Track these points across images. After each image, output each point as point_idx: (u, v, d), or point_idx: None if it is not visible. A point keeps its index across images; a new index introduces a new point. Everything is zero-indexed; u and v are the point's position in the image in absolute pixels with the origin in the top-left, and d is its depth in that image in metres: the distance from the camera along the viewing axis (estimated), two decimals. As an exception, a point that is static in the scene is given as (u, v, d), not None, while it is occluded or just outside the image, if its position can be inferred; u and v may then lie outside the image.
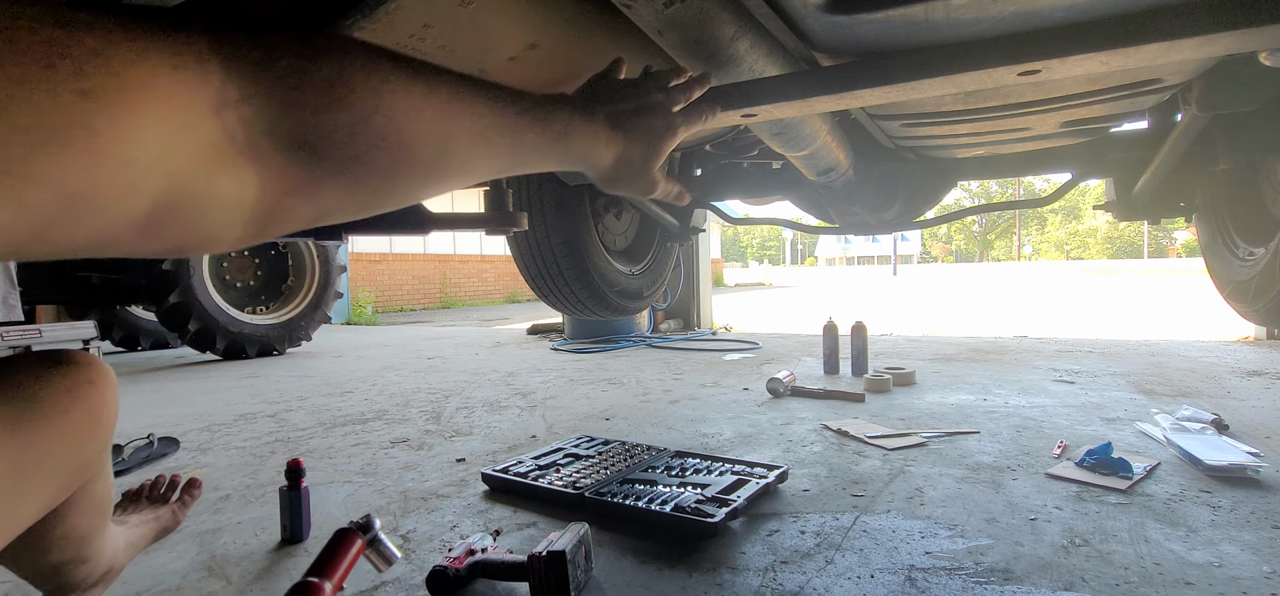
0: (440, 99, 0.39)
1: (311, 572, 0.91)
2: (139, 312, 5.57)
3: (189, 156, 0.28)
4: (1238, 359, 3.25)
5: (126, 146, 0.25)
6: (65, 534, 0.77)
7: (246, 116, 0.30)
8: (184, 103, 0.27)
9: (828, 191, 1.95)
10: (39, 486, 0.60)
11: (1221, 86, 1.18)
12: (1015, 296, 9.93)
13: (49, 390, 0.61)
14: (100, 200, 0.26)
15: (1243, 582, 1.03)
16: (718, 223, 10.59)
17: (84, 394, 0.64)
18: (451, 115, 0.40)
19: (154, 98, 0.26)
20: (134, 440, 2.07)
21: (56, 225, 0.25)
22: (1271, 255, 1.63)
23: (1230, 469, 1.48)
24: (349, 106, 0.34)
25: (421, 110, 0.38)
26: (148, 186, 0.27)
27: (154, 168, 0.27)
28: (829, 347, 3.18)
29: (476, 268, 14.32)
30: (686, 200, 0.76)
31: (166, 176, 0.28)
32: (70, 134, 0.24)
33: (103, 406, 0.67)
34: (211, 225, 0.31)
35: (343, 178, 0.35)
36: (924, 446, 1.82)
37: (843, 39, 0.94)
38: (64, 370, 0.64)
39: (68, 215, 0.25)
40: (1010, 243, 64.30)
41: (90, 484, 0.75)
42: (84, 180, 0.25)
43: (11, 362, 0.62)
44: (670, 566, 1.14)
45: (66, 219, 0.25)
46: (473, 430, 2.22)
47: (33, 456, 0.59)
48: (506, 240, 2.17)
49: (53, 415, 0.61)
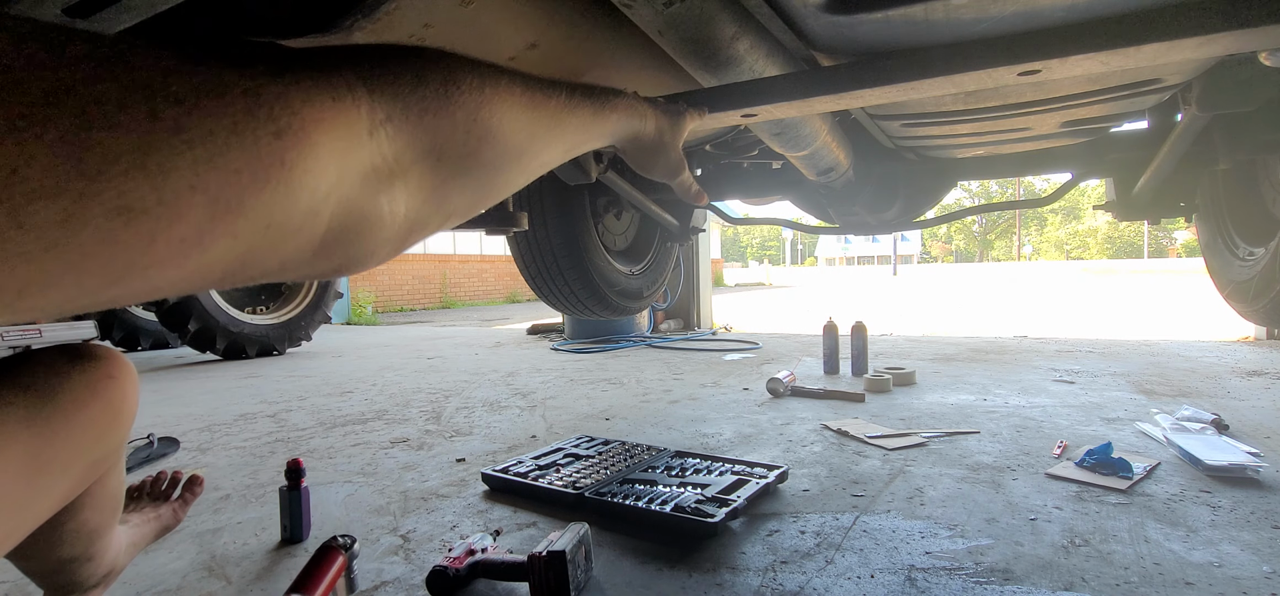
0: (525, 90, 0.43)
1: (294, 588, 0.91)
2: (139, 312, 5.57)
3: (355, 178, 0.31)
4: (1238, 359, 3.25)
5: (310, 177, 0.28)
6: (77, 528, 0.76)
7: (391, 134, 0.33)
8: (346, 130, 0.30)
9: (828, 191, 1.95)
10: (56, 481, 0.60)
11: (1221, 86, 1.18)
12: (1015, 296, 9.93)
13: (67, 384, 0.61)
14: (291, 227, 0.29)
15: (1243, 582, 1.03)
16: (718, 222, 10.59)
17: (103, 388, 0.64)
18: (532, 105, 0.43)
19: (326, 130, 0.29)
20: (134, 440, 2.07)
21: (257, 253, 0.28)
22: (1271, 255, 1.63)
23: (1230, 469, 1.48)
24: (461, 106, 0.37)
25: (512, 104, 0.41)
26: (325, 211, 0.30)
27: (330, 193, 0.30)
28: (829, 348, 3.18)
29: (476, 268, 14.33)
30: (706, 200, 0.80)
31: (339, 200, 0.31)
32: (270, 172, 0.27)
33: (122, 400, 0.67)
34: (371, 241, 0.34)
35: (460, 176, 0.38)
36: (924, 446, 1.82)
37: (843, 39, 0.95)
38: (83, 364, 0.64)
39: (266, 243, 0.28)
40: (1010, 242, 64.32)
41: (106, 477, 0.75)
42: (280, 210, 0.28)
43: (29, 356, 0.62)
44: (670, 566, 1.14)
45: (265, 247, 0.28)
46: (473, 430, 2.22)
47: (50, 451, 0.58)
48: (506, 240, 2.17)
49: (71, 409, 0.60)
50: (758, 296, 12.70)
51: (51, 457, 0.59)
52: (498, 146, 0.40)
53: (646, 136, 0.64)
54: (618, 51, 1.06)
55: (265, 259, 0.29)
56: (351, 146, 0.30)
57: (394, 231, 0.35)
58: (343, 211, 0.31)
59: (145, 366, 4.45)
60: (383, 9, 0.77)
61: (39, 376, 0.60)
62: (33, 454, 0.56)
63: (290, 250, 0.30)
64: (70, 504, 0.72)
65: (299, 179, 0.28)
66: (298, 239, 0.30)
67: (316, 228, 0.30)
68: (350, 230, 0.32)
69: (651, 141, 0.65)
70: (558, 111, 0.47)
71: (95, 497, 0.76)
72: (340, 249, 0.33)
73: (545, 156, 0.47)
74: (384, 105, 0.32)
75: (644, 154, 0.66)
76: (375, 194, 0.33)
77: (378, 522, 1.40)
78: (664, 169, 0.68)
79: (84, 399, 0.62)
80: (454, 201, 0.39)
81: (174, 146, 0.23)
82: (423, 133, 0.35)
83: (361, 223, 0.33)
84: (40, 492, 0.58)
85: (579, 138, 0.51)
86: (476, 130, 0.38)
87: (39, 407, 0.58)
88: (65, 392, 0.60)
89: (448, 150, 0.36)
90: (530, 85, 0.44)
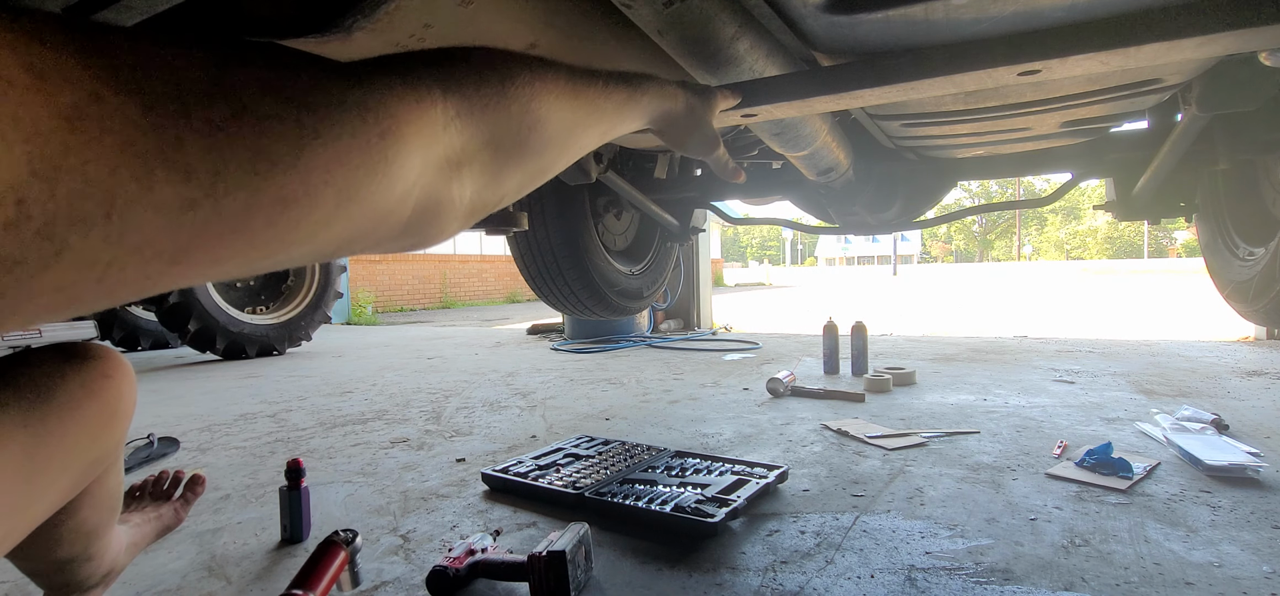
0: (567, 80, 0.46)
1: (296, 584, 0.90)
2: (139, 312, 5.57)
3: (434, 168, 0.36)
4: (1238, 359, 3.25)
5: (404, 168, 0.33)
6: (75, 527, 0.76)
7: (460, 128, 0.37)
8: (427, 126, 0.35)
9: (828, 191, 1.95)
10: (52, 481, 0.60)
11: (1221, 86, 1.18)
12: (1015, 296, 9.93)
13: (63, 384, 0.61)
14: (388, 210, 0.34)
15: (1243, 582, 1.03)
16: (718, 223, 10.59)
17: (99, 387, 0.64)
18: (574, 93, 0.47)
19: (413, 128, 0.34)
20: (134, 440, 2.07)
21: (364, 232, 0.33)
22: (1271, 255, 1.63)
23: (1230, 469, 1.48)
24: (515, 99, 0.41)
25: (558, 94, 0.45)
26: (412, 196, 0.35)
27: (417, 181, 0.35)
28: (829, 348, 3.18)
29: (476, 268, 14.32)
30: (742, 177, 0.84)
31: (423, 187, 0.35)
32: (377, 166, 0.31)
33: (118, 400, 0.66)
34: (442, 223, 0.39)
35: (514, 162, 0.42)
36: (924, 446, 1.82)
37: (843, 39, 0.95)
38: (78, 363, 0.64)
39: (371, 224, 0.33)
40: (1010, 242, 64.29)
41: (104, 476, 0.74)
42: (383, 196, 0.32)
43: (26, 355, 0.61)
44: (670, 566, 1.14)
45: (369, 227, 0.33)
46: (473, 430, 2.22)
47: (45, 452, 0.58)
48: (506, 240, 2.17)
49: (66, 408, 0.60)
50: (758, 296, 12.70)
51: (48, 458, 0.59)
52: (546, 133, 0.44)
53: (678, 114, 0.66)
54: (618, 51, 1.05)
55: (368, 236, 0.34)
56: (433, 141, 0.35)
57: (461, 211, 0.40)
58: (424, 196, 0.36)
59: (145, 366, 4.44)
60: (383, 9, 0.77)
61: (35, 377, 0.59)
62: (29, 454, 0.56)
63: (386, 229, 0.35)
64: (68, 504, 0.72)
65: (397, 171, 0.33)
66: (391, 220, 0.34)
67: (405, 210, 0.35)
68: (428, 212, 0.37)
69: (684, 118, 0.67)
70: (595, 98, 0.50)
71: (94, 497, 0.75)
72: (419, 228, 0.37)
73: (585, 139, 0.50)
74: (454, 103, 0.37)
75: (679, 130, 0.68)
76: (448, 181, 0.37)
77: (378, 522, 1.40)
78: (699, 144, 0.71)
79: (80, 399, 0.62)
80: (508, 184, 0.43)
81: (314, 149, 0.28)
82: (484, 125, 0.39)
83: (437, 206, 0.37)
84: (37, 493, 0.58)
85: (615, 120, 0.54)
86: (528, 120, 0.42)
87: (34, 408, 0.58)
88: (61, 393, 0.60)
89: (504, 139, 0.41)
90: (573, 75, 0.47)
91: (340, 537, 0.98)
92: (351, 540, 0.99)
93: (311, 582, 0.91)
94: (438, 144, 0.36)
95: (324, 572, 0.93)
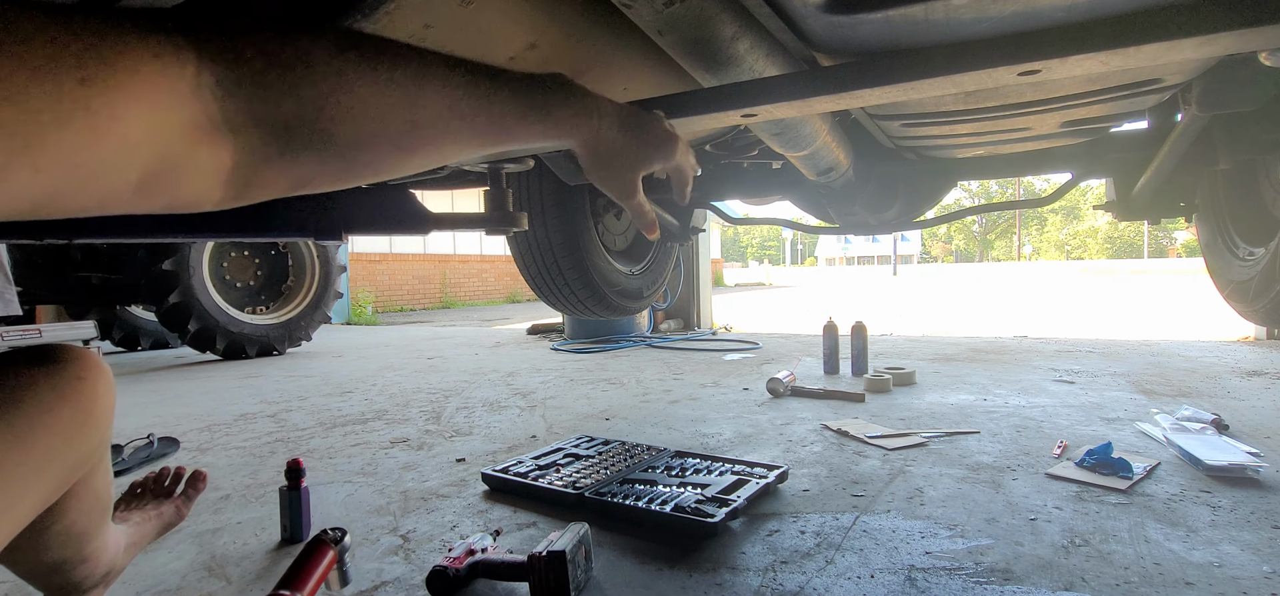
0: (406, 75, 0.42)
1: (282, 584, 0.90)
2: (139, 312, 5.57)
3: (171, 131, 0.33)
4: (1238, 359, 3.25)
5: (117, 124, 0.30)
6: (64, 531, 0.76)
7: (220, 97, 0.35)
8: (165, 86, 0.32)
9: (828, 191, 1.95)
10: (27, 487, 0.60)
11: (1221, 86, 1.18)
12: (1015, 296, 9.93)
13: (32, 390, 0.60)
14: (99, 168, 0.31)
15: (1243, 582, 1.03)
16: (718, 223, 10.59)
17: (72, 390, 0.63)
18: (419, 89, 0.43)
19: (139, 82, 0.31)
20: (134, 440, 2.07)
21: (64, 189, 0.30)
22: (1271, 255, 1.63)
23: (1230, 469, 1.48)
24: (311, 85, 0.38)
25: (385, 87, 0.41)
26: (138, 156, 0.32)
27: (142, 141, 0.32)
28: (829, 347, 3.18)
29: (476, 267, 14.32)
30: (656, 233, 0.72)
31: (153, 148, 0.33)
32: (72, 114, 0.28)
33: (93, 402, 0.66)
34: (194, 188, 0.36)
35: (314, 151, 0.39)
36: (924, 446, 1.82)
37: (843, 39, 0.94)
38: (50, 367, 0.63)
39: (73, 181, 0.30)
40: (1010, 242, 64.28)
41: (89, 478, 0.74)
42: (84, 151, 0.29)
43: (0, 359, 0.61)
44: (670, 566, 1.14)
45: (72, 184, 0.30)
46: (473, 430, 2.22)
47: (15, 457, 0.58)
48: (506, 240, 2.17)
49: (36, 414, 0.60)
50: (758, 296, 12.70)
51: (18, 463, 0.58)
52: (360, 128, 0.41)
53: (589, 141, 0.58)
54: (618, 51, 1.05)
55: (77, 194, 0.31)
56: (170, 102, 0.33)
57: (220, 182, 0.37)
58: (159, 158, 0.33)
59: (145, 366, 4.45)
60: (382, 9, 0.77)
61: (4, 382, 0.59)
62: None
63: (104, 188, 0.32)
64: (54, 507, 0.72)
65: (105, 125, 0.30)
66: (110, 179, 0.32)
67: (130, 171, 0.32)
68: (168, 176, 0.34)
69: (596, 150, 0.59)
70: (458, 103, 0.45)
71: (80, 500, 0.75)
72: (160, 192, 0.35)
73: (447, 144, 0.46)
74: (215, 71, 0.34)
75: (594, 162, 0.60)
76: (194, 147, 0.34)
77: (378, 522, 1.40)
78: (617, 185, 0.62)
79: (50, 402, 0.61)
80: (306, 170, 0.40)
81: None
82: (261, 103, 0.36)
83: (180, 171, 0.35)
84: (12, 500, 0.58)
85: (492, 134, 0.49)
86: (329, 110, 0.39)
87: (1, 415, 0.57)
88: (30, 399, 0.60)
89: (294, 123, 0.38)
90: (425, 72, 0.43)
91: (328, 536, 0.97)
92: (340, 539, 0.98)
93: (299, 583, 0.90)
94: (181, 106, 0.33)
95: (311, 572, 0.92)
